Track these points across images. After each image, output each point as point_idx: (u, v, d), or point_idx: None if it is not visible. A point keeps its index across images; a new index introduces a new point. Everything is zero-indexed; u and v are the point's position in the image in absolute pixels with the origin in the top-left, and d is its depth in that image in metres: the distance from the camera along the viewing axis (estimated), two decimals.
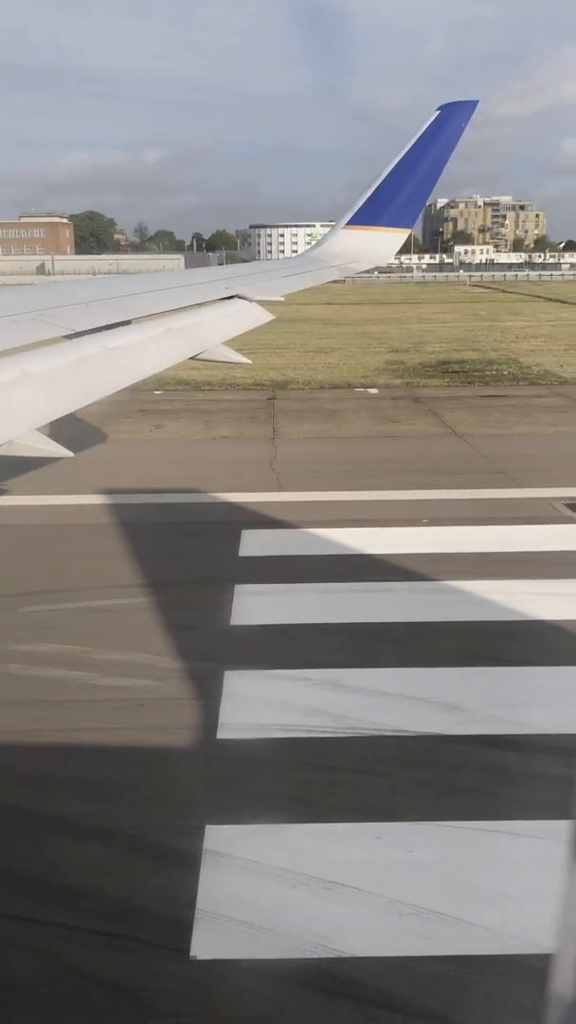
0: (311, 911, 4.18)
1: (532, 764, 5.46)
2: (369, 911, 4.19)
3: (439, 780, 5.31)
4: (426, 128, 10.61)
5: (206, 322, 7.02)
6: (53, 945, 4.09)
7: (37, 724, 5.96)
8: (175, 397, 19.08)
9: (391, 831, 4.79)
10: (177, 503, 11.00)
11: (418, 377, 22.31)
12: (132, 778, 5.37)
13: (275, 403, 18.71)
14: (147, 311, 6.28)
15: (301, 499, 11.12)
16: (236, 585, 8.18)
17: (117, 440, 14.83)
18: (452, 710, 6.01)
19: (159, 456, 13.92)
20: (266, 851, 4.59)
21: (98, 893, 4.39)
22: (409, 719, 5.91)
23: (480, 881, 4.40)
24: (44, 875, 4.53)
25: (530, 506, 10.84)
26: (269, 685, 6.40)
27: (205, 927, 4.09)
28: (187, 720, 5.99)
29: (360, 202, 11.30)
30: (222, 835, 4.72)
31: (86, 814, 5.00)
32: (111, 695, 6.34)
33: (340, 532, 9.73)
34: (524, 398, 19.04)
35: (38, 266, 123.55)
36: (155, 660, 6.84)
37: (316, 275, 10.73)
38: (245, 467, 12.99)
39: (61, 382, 4.38)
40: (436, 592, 8.14)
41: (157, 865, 4.61)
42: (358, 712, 5.99)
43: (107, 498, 11.08)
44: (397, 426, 16.33)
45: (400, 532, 9.79)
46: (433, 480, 12.11)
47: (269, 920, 4.12)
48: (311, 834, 4.77)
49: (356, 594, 8.07)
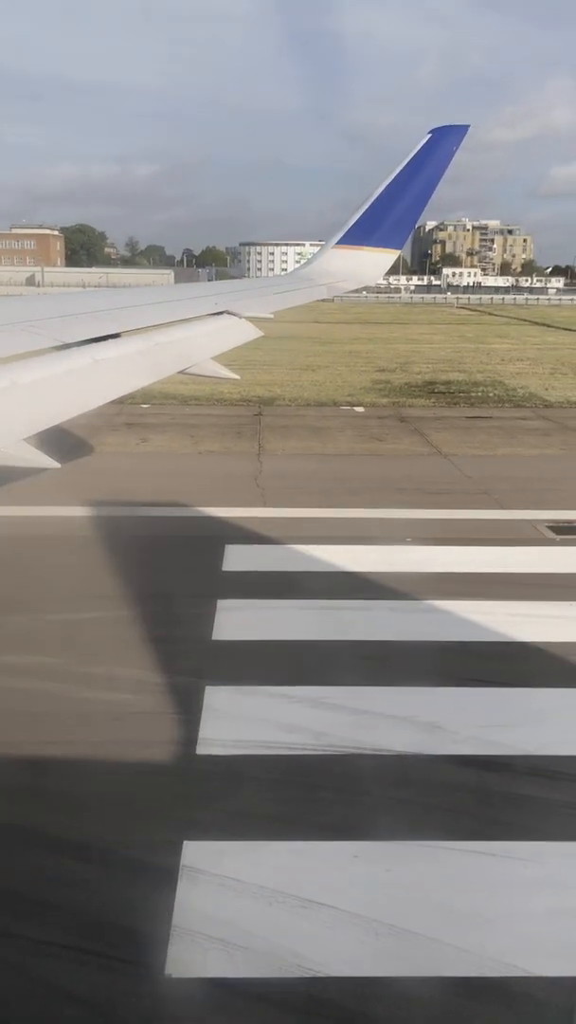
0: (288, 929, 4.16)
1: (512, 785, 5.46)
2: (346, 930, 4.17)
3: (418, 799, 5.30)
4: (417, 151, 10.72)
5: (195, 337, 7.04)
6: (25, 960, 4.04)
7: (13, 736, 5.90)
8: (162, 411, 19.08)
9: (369, 850, 4.78)
10: (161, 516, 10.98)
11: (404, 397, 22.42)
12: (109, 792, 5.32)
13: (261, 419, 18.75)
14: (136, 324, 6.29)
15: (285, 515, 11.12)
16: (219, 600, 8.16)
17: (103, 452, 14.80)
18: (433, 730, 6.01)
19: (145, 469, 13.90)
20: (244, 868, 4.56)
21: (72, 908, 4.35)
22: (389, 738, 5.90)
23: (458, 902, 4.38)
24: (17, 889, 4.48)
25: (513, 527, 10.89)
26: (250, 701, 6.37)
27: (180, 944, 4.05)
28: (166, 735, 5.96)
29: (350, 222, 11.39)
30: (200, 851, 4.69)
31: (61, 828, 4.95)
32: (90, 708, 6.30)
33: (324, 549, 9.73)
34: (509, 420, 19.17)
35: (28, 277, 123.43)
36: (135, 673, 6.81)
37: (305, 293, 10.78)
38: (230, 482, 12.99)
39: (49, 393, 4.37)
40: (418, 611, 8.16)
41: (133, 880, 4.56)
42: (338, 730, 5.97)
43: (91, 510, 11.04)
44: (383, 445, 16.40)
45: (384, 550, 9.81)
46: (417, 499, 12.15)
47: (245, 938, 4.09)
48: (289, 852, 4.75)
49: (339, 611, 8.07)
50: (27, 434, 3.81)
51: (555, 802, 5.29)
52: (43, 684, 6.61)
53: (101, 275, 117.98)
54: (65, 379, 4.65)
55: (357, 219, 11.31)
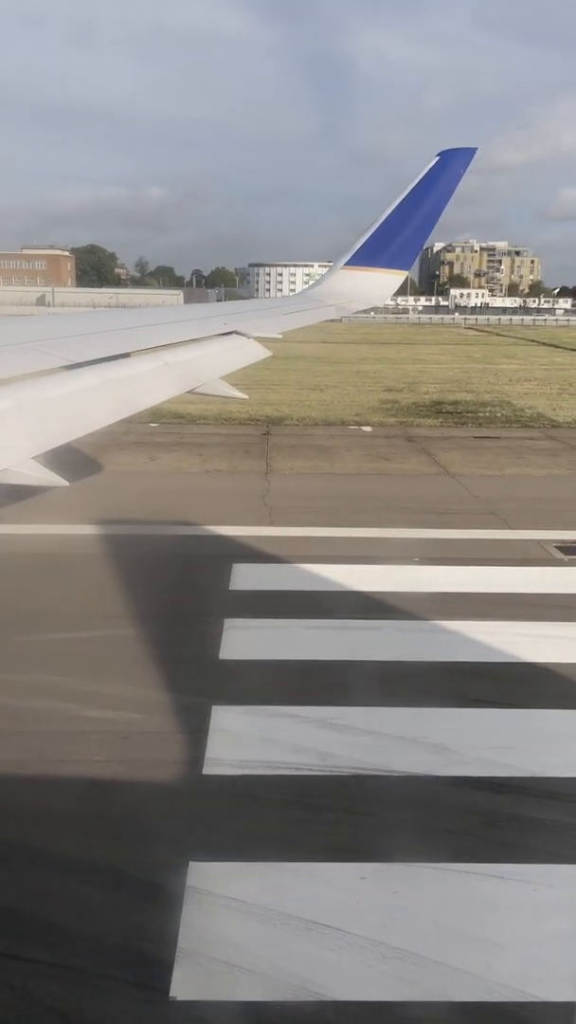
0: (293, 952, 4.12)
1: (520, 807, 5.42)
2: (352, 953, 4.14)
3: (425, 821, 5.26)
4: (426, 173, 10.83)
5: (204, 357, 7.09)
6: (29, 982, 4.01)
7: (20, 755, 5.89)
8: (170, 430, 19.16)
9: (376, 872, 4.74)
10: (169, 535, 10.99)
11: (412, 416, 22.47)
12: (115, 812, 5.30)
13: (269, 438, 18.80)
14: (146, 344, 6.35)
15: (293, 534, 11.13)
16: (226, 619, 8.16)
17: (112, 471, 14.86)
18: (440, 751, 5.98)
19: (153, 488, 13.94)
20: (249, 889, 4.53)
21: (78, 930, 4.32)
22: (396, 759, 5.87)
23: (465, 925, 4.34)
24: (23, 910, 4.45)
25: (521, 547, 10.87)
26: (256, 721, 6.35)
27: (186, 967, 4.02)
28: (173, 754, 5.94)
29: (359, 243, 11.48)
30: (206, 872, 4.66)
31: (67, 848, 4.92)
32: (96, 727, 6.28)
33: (331, 568, 9.73)
34: (517, 440, 19.18)
35: (38, 297, 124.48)
36: (142, 693, 6.80)
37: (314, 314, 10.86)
38: (238, 501, 13.01)
39: (58, 412, 4.41)
40: (426, 632, 8.13)
41: (139, 902, 4.53)
42: (345, 751, 5.95)
43: (100, 528, 11.07)
44: (390, 464, 16.41)
45: (391, 570, 9.79)
46: (425, 519, 12.15)
47: (251, 961, 4.05)
48: (295, 873, 4.72)
49: (346, 631, 8.05)
50: (36, 452, 3.84)
51: (563, 824, 5.24)
52: (50, 703, 6.60)
53: (111, 295, 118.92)
54: (75, 398, 4.68)
55: (365, 240, 11.40)
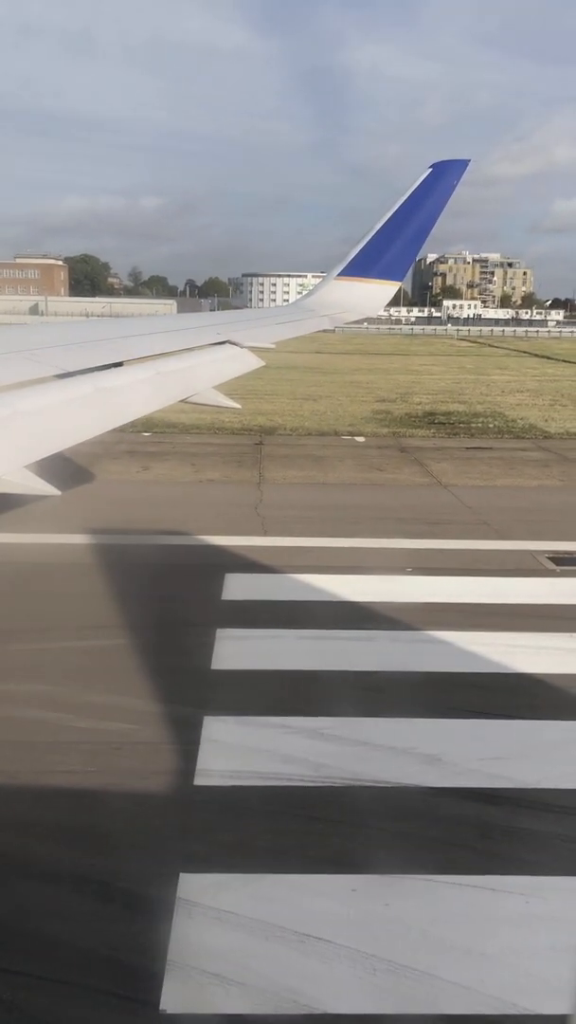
0: (284, 965, 4.10)
1: (513, 819, 5.40)
2: (343, 966, 4.11)
3: (417, 833, 5.25)
4: (418, 185, 10.88)
5: (197, 366, 7.09)
6: (16, 995, 3.98)
7: (11, 765, 5.86)
8: (163, 439, 19.15)
9: (367, 884, 4.72)
10: (161, 544, 10.97)
11: (404, 427, 22.51)
12: (106, 823, 5.27)
13: (262, 448, 18.81)
14: (139, 353, 6.34)
15: (285, 544, 11.12)
16: (218, 629, 8.14)
17: (104, 480, 14.84)
18: (432, 762, 5.96)
19: (145, 497, 13.92)
20: (241, 901, 4.51)
21: (66, 941, 4.29)
22: (389, 770, 5.85)
23: (457, 938, 4.32)
24: (10, 921, 4.42)
25: (513, 558, 10.88)
26: (248, 732, 6.33)
27: (176, 979, 3.99)
28: (164, 765, 5.91)
29: (352, 254, 11.53)
30: (196, 884, 4.63)
31: (57, 859, 4.89)
32: (87, 738, 6.25)
33: (324, 579, 9.72)
34: (509, 451, 19.22)
35: (31, 306, 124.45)
36: (134, 703, 6.77)
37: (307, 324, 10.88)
38: (230, 511, 13.00)
39: (50, 421, 4.40)
40: (418, 642, 8.13)
41: (128, 913, 4.50)
42: (337, 761, 5.93)
43: (91, 538, 11.04)
44: (383, 474, 16.43)
45: (383, 580, 9.79)
46: (417, 529, 12.15)
47: (241, 973, 4.03)
48: (286, 885, 4.69)
49: (338, 642, 8.03)
50: (28, 461, 3.82)
51: (556, 836, 5.23)
52: (41, 713, 6.57)
53: (104, 304, 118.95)
54: (67, 407, 4.67)
55: (359, 251, 11.45)
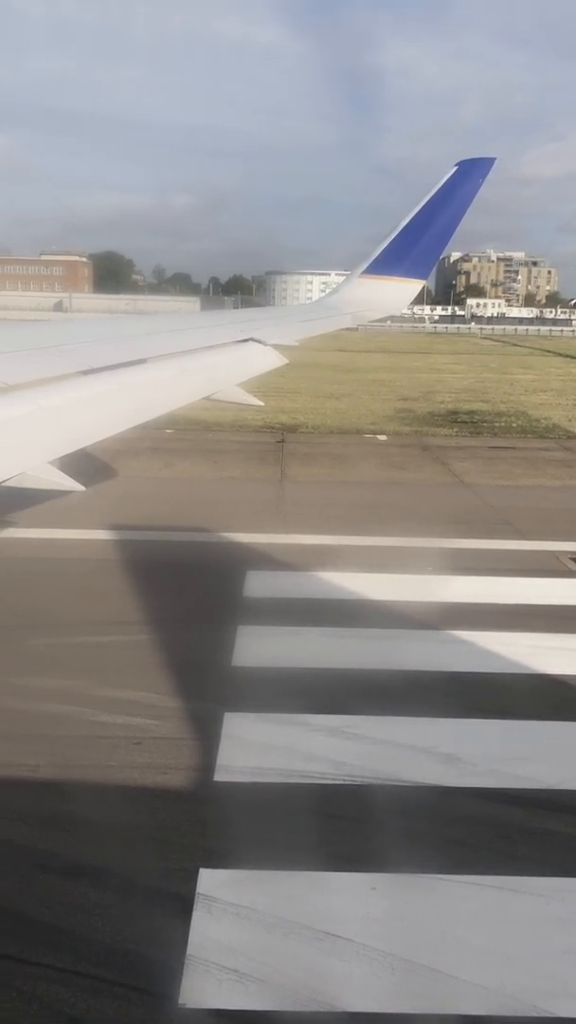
0: (304, 962, 4.10)
1: (533, 819, 5.38)
2: (362, 964, 4.11)
3: (436, 832, 5.24)
4: (443, 183, 10.85)
5: (220, 364, 7.12)
6: (38, 987, 4.01)
7: (33, 759, 5.91)
8: (186, 436, 19.19)
9: (386, 882, 4.72)
10: (183, 541, 11.01)
11: (427, 426, 22.44)
12: (126, 817, 5.30)
13: (284, 446, 18.81)
14: (163, 351, 6.38)
15: (307, 542, 11.12)
16: (239, 626, 8.15)
17: (127, 476, 14.90)
18: (452, 761, 5.95)
19: (167, 494, 13.97)
20: (260, 898, 4.52)
21: (87, 935, 4.32)
22: (408, 769, 5.84)
23: (476, 938, 4.31)
24: (33, 914, 4.46)
25: (536, 559, 10.82)
26: (269, 729, 6.34)
27: (195, 974, 4.01)
28: (185, 761, 5.94)
29: (376, 252, 11.51)
30: (216, 879, 4.65)
31: (78, 852, 4.93)
32: (109, 732, 6.29)
33: (344, 577, 9.71)
34: (532, 451, 19.11)
35: (56, 303, 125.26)
36: (155, 698, 6.80)
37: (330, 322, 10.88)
38: (252, 508, 13.02)
39: (75, 417, 4.43)
40: (439, 642, 8.10)
41: (148, 908, 4.53)
42: (357, 760, 5.93)
43: (114, 534, 11.10)
44: (405, 473, 16.39)
45: (405, 579, 9.76)
46: (439, 529, 12.10)
47: (260, 969, 4.04)
48: (305, 882, 4.70)
49: (359, 640, 8.02)
50: (53, 457, 3.85)
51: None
52: (63, 707, 6.61)
53: (128, 302, 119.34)
54: (91, 403, 4.70)
55: (383, 249, 11.43)
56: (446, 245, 11.72)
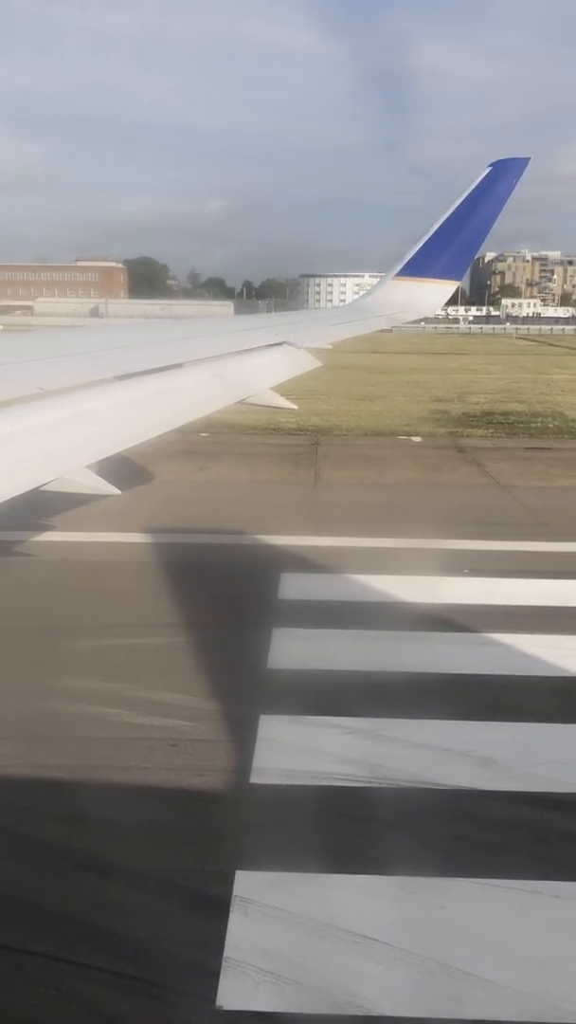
0: (340, 965, 4.10)
1: (571, 823, 5.32)
2: (398, 968, 4.10)
3: (472, 836, 5.20)
4: (477, 184, 10.79)
5: (254, 367, 7.14)
6: (77, 985, 4.06)
7: (70, 760, 5.97)
8: (220, 440, 19.27)
9: (422, 886, 4.70)
10: (218, 544, 11.06)
11: (462, 427, 22.30)
12: (163, 819, 5.34)
13: (318, 448, 18.82)
14: (197, 355, 6.41)
15: (341, 544, 11.11)
16: (274, 628, 8.17)
17: (162, 480, 15.00)
18: (488, 765, 5.91)
19: (202, 497, 14.04)
20: (295, 900, 4.53)
21: (124, 935, 4.36)
22: (444, 772, 5.82)
23: (514, 943, 4.28)
24: (70, 913, 4.51)
25: (573, 560, 10.70)
26: (304, 731, 6.35)
27: (232, 976, 4.02)
28: (220, 762, 5.96)
29: (410, 254, 11.49)
30: (252, 881, 4.67)
31: (115, 853, 4.97)
32: (145, 734, 6.34)
33: (380, 579, 9.69)
34: (569, 451, 18.91)
35: (92, 309, 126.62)
36: (191, 700, 6.84)
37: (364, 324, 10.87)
38: (286, 511, 13.04)
39: (111, 422, 4.48)
40: (475, 644, 8.05)
41: (185, 909, 4.56)
42: (393, 763, 5.91)
43: (150, 537, 11.19)
44: (439, 475, 16.31)
45: (440, 582, 9.72)
46: (475, 530, 12.03)
47: (297, 972, 4.05)
48: (341, 885, 4.70)
49: (394, 643, 8.00)
50: (90, 461, 3.90)
51: None
52: (100, 709, 6.68)
53: (163, 307, 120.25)
54: (127, 408, 4.75)
55: (417, 251, 11.40)
56: (480, 246, 11.65)
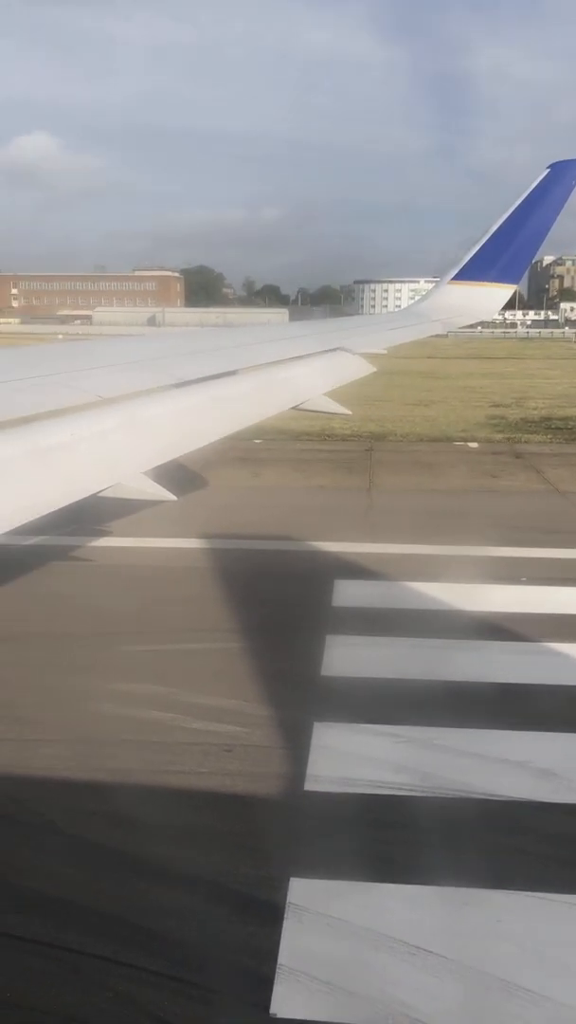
0: (395, 976, 4.06)
1: None
2: (454, 982, 4.04)
3: (530, 849, 5.11)
4: (536, 186, 10.67)
5: (308, 373, 7.15)
6: (131, 987, 4.08)
7: (125, 764, 6.03)
8: (274, 446, 19.31)
9: (479, 898, 4.63)
10: (272, 550, 11.08)
11: (520, 432, 22.00)
12: (217, 824, 5.35)
13: (372, 454, 18.74)
14: (252, 362, 6.45)
15: (396, 551, 11.04)
16: (328, 635, 8.15)
17: (217, 486, 15.10)
18: (547, 776, 5.80)
19: (256, 503, 14.09)
20: (350, 909, 4.49)
21: (178, 939, 4.37)
22: (500, 783, 5.72)
23: (574, 960, 4.18)
24: (126, 917, 4.54)
25: None
26: (358, 739, 6.31)
27: (286, 984, 4.01)
28: (274, 769, 5.96)
29: (466, 258, 11.40)
30: (307, 889, 4.64)
31: (169, 858, 5.00)
32: (200, 739, 6.37)
33: (435, 587, 9.60)
34: None
35: (149, 318, 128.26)
36: (245, 706, 6.86)
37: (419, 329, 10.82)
38: (340, 517, 13.01)
39: (167, 429, 4.52)
40: (533, 654, 7.92)
41: (239, 915, 4.56)
42: (448, 772, 5.84)
43: (205, 542, 11.26)
44: (497, 481, 16.11)
45: (497, 590, 9.59)
46: (533, 538, 11.84)
47: (352, 982, 4.01)
48: (396, 895, 4.65)
49: (449, 651, 7.91)
50: (146, 467, 3.94)
51: None
52: (155, 713, 6.73)
53: (219, 314, 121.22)
54: (183, 415, 4.80)
55: (473, 255, 11.31)
56: (538, 249, 11.52)
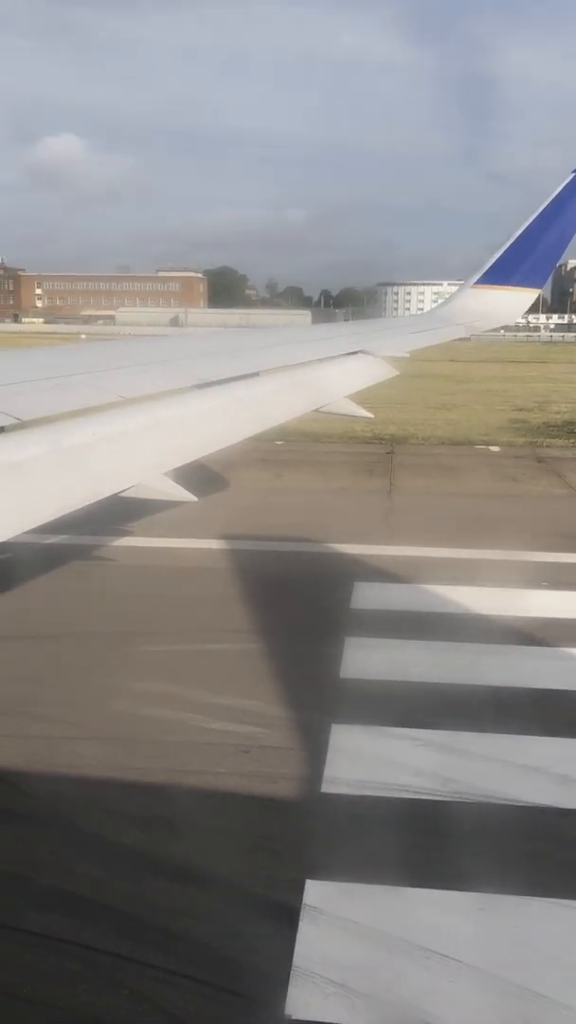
0: (410, 980, 4.05)
1: None
2: (470, 987, 4.03)
3: (548, 854, 5.09)
4: (561, 189, 10.61)
5: (330, 376, 7.16)
6: (147, 986, 4.10)
7: (143, 763, 6.06)
8: (295, 448, 19.30)
9: (495, 903, 4.61)
10: (292, 551, 11.08)
11: (542, 436, 21.88)
12: (234, 825, 5.37)
13: (394, 457, 18.70)
14: (274, 364, 6.46)
15: (416, 554, 11.01)
16: (347, 637, 8.14)
17: (238, 488, 15.12)
18: (566, 782, 5.77)
19: (277, 505, 14.10)
20: (366, 912, 4.49)
21: (194, 938, 4.39)
22: (519, 788, 5.70)
23: None
24: (142, 915, 4.57)
25: None
26: (376, 742, 6.30)
27: (301, 986, 4.01)
28: (292, 770, 5.97)
29: (490, 261, 11.36)
30: (322, 891, 4.65)
31: (186, 857, 5.02)
32: (218, 739, 6.39)
33: (455, 590, 9.56)
34: None
35: (172, 318, 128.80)
36: (263, 707, 6.86)
37: (442, 332, 10.79)
38: (360, 519, 13.00)
39: (190, 430, 4.54)
40: (554, 659, 7.87)
41: (255, 916, 4.57)
42: (466, 777, 5.82)
43: (225, 543, 11.28)
44: (518, 485, 16.03)
45: (518, 594, 9.54)
46: (554, 542, 11.77)
47: (367, 985, 4.01)
48: (412, 899, 4.64)
49: (469, 655, 7.88)
50: (168, 468, 3.96)
51: None
52: (173, 713, 6.75)
53: (241, 316, 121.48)
54: (205, 416, 4.81)
55: (497, 258, 11.27)
56: (563, 253, 11.45)
